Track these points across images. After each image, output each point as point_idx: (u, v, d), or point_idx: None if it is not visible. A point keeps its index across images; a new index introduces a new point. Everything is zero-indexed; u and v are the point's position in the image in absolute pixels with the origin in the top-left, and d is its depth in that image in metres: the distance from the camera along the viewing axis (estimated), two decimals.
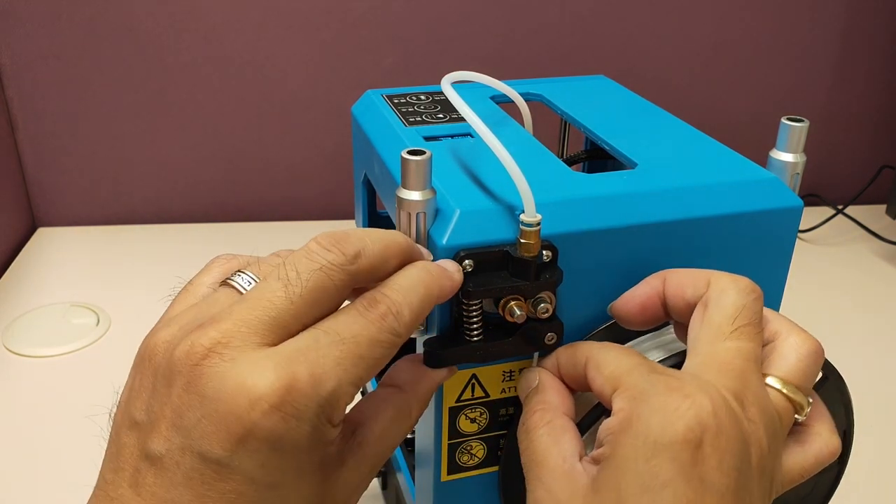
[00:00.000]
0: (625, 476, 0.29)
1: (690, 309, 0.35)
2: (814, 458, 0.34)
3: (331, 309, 0.31)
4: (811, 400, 0.34)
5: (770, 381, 0.33)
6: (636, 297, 0.36)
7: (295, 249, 0.32)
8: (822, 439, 0.35)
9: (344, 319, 0.30)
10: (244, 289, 0.31)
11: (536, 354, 0.38)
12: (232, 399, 0.27)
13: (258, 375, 0.27)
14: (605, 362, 0.33)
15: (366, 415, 0.33)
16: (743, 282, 0.34)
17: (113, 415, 0.31)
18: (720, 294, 0.34)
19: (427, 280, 0.33)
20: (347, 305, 0.31)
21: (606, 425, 0.31)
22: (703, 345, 0.33)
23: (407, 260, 0.33)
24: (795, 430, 0.34)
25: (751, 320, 0.33)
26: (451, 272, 0.34)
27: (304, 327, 0.30)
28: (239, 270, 0.32)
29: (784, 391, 0.33)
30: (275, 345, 0.29)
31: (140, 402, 0.29)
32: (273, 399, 0.27)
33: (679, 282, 0.35)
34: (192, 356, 0.28)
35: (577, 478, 0.31)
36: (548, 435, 0.34)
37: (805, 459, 0.34)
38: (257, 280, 0.32)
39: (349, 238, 0.31)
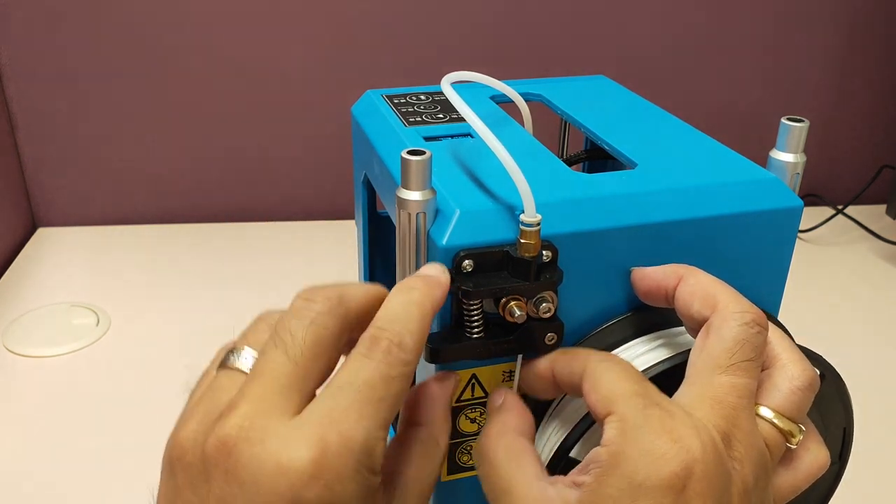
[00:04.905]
0: None
1: (695, 323, 0.35)
2: (804, 475, 0.35)
3: (334, 357, 0.31)
4: (803, 427, 0.34)
5: (762, 411, 0.33)
6: (646, 281, 0.37)
7: (274, 310, 0.33)
8: (811, 455, 0.35)
9: (352, 367, 0.30)
10: (246, 367, 0.31)
11: (520, 358, 0.37)
12: (271, 481, 0.27)
13: (292, 450, 0.27)
14: (602, 382, 0.33)
15: (396, 461, 0.33)
16: (749, 314, 0.33)
17: None
18: (722, 323, 0.33)
19: (417, 299, 0.32)
20: (351, 353, 0.31)
21: (595, 455, 0.31)
22: (700, 375, 0.33)
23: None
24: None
25: (750, 357, 0.33)
26: (436, 277, 0.34)
27: (317, 383, 0.30)
28: (232, 350, 0.32)
29: (776, 422, 0.33)
30: (297, 412, 0.29)
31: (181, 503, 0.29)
32: (311, 471, 0.27)
33: (690, 291, 0.35)
34: (224, 447, 0.28)
35: None
36: (507, 459, 0.33)
37: (795, 478, 0.34)
38: (254, 354, 0.32)
39: (328, 286, 0.32)
